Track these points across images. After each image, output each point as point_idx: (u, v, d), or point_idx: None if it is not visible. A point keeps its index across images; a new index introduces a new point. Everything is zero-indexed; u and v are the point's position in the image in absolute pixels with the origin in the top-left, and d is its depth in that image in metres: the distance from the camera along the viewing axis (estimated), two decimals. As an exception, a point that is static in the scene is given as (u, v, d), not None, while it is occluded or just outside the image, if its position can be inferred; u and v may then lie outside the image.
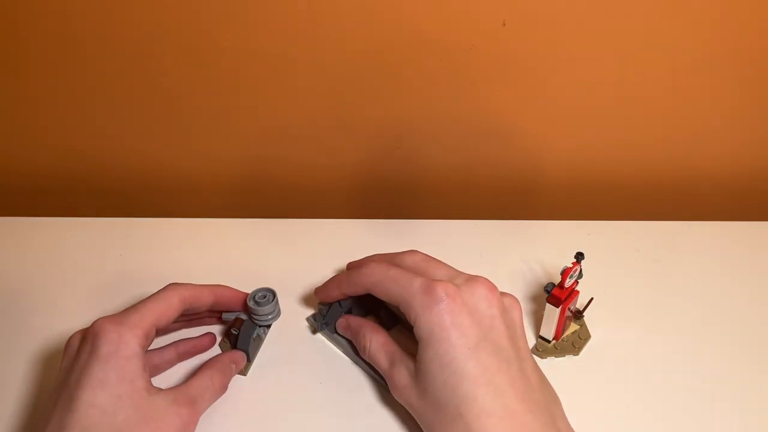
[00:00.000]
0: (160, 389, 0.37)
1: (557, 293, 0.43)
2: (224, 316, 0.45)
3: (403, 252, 0.43)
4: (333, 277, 0.45)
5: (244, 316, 0.44)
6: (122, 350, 0.36)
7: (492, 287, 0.39)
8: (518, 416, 0.35)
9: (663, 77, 0.56)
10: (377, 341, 0.42)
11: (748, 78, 0.56)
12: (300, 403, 0.43)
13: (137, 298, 0.49)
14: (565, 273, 0.42)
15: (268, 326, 0.45)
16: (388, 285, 0.40)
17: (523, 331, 0.40)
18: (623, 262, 0.53)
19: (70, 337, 0.39)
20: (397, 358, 0.40)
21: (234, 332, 0.44)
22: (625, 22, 0.52)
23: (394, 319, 0.47)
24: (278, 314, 0.44)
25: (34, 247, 0.54)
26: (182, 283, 0.42)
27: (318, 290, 0.46)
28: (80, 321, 0.48)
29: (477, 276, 0.40)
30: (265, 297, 0.44)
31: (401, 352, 0.40)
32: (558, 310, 0.43)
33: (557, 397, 0.39)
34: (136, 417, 0.35)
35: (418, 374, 0.38)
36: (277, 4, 0.50)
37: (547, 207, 0.67)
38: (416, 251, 0.43)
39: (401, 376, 0.39)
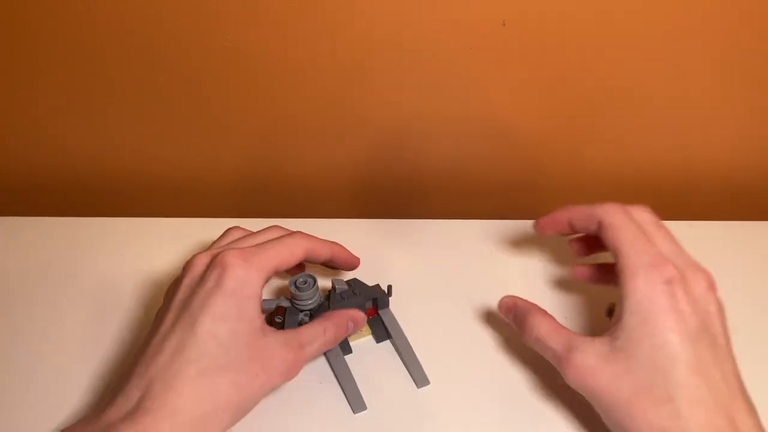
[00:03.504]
0: (274, 330, 0.39)
1: None
2: (264, 305, 0.45)
3: (635, 206, 0.42)
4: (562, 208, 0.44)
5: (285, 303, 0.44)
6: (246, 289, 0.37)
7: (714, 283, 0.39)
8: (728, 413, 0.35)
9: (663, 77, 0.56)
10: (548, 324, 0.41)
11: (748, 77, 0.56)
12: (299, 404, 0.43)
13: (137, 298, 0.50)
14: None
15: (311, 311, 0.44)
16: (624, 232, 0.39)
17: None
18: (623, 262, 0.53)
19: (195, 258, 0.39)
20: (575, 341, 0.39)
21: (278, 320, 0.44)
22: (624, 21, 0.52)
23: (387, 333, 0.47)
24: (320, 300, 0.44)
25: (34, 247, 0.54)
26: (308, 235, 0.42)
27: (541, 220, 0.45)
28: (80, 321, 0.48)
29: (701, 267, 0.40)
30: (306, 282, 0.43)
31: (577, 335, 0.39)
32: None
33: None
34: (247, 354, 0.36)
35: (617, 352, 0.37)
36: (277, 4, 0.50)
37: (548, 207, 0.67)
38: (647, 209, 0.42)
39: (586, 357, 0.37)
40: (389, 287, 0.47)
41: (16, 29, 0.52)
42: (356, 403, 0.42)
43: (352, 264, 0.46)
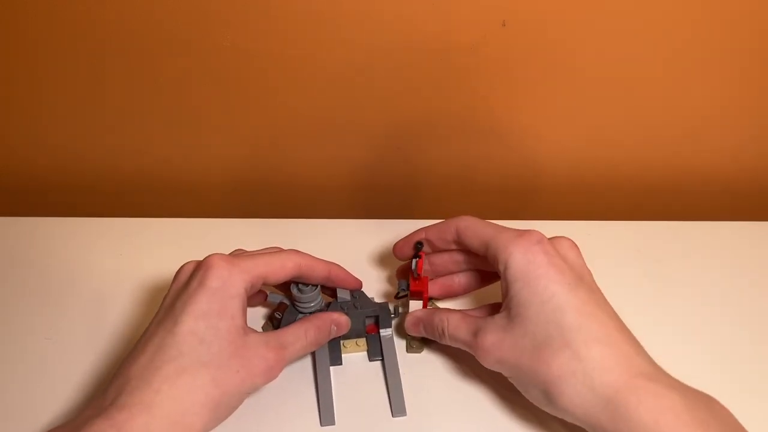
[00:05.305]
0: (256, 331, 0.39)
1: (416, 287, 0.44)
2: (270, 297, 0.45)
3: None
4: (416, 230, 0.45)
5: (288, 301, 0.44)
6: (229, 288, 0.38)
7: (575, 244, 0.41)
8: (621, 345, 0.36)
9: (663, 76, 0.56)
10: (455, 317, 0.42)
11: (747, 77, 0.56)
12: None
13: (137, 298, 0.50)
14: (419, 265, 0.43)
15: (310, 315, 0.44)
16: (480, 228, 0.41)
17: None
18: (623, 262, 0.53)
19: (184, 265, 0.41)
20: (480, 324, 0.40)
21: (277, 316, 0.44)
22: (624, 21, 0.52)
23: (381, 353, 0.46)
24: (321, 304, 0.44)
25: (33, 247, 0.54)
26: (302, 252, 0.43)
27: (398, 244, 0.45)
28: (80, 321, 0.48)
29: (560, 236, 0.42)
30: (308, 285, 0.43)
31: (479, 318, 0.41)
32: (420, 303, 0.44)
33: None
34: (228, 350, 0.36)
35: (513, 320, 0.38)
36: (278, 4, 0.50)
37: (547, 207, 0.67)
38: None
39: (488, 335, 0.39)
40: (396, 308, 0.46)
41: (16, 29, 0.52)
42: (326, 416, 0.41)
43: (352, 285, 0.45)
